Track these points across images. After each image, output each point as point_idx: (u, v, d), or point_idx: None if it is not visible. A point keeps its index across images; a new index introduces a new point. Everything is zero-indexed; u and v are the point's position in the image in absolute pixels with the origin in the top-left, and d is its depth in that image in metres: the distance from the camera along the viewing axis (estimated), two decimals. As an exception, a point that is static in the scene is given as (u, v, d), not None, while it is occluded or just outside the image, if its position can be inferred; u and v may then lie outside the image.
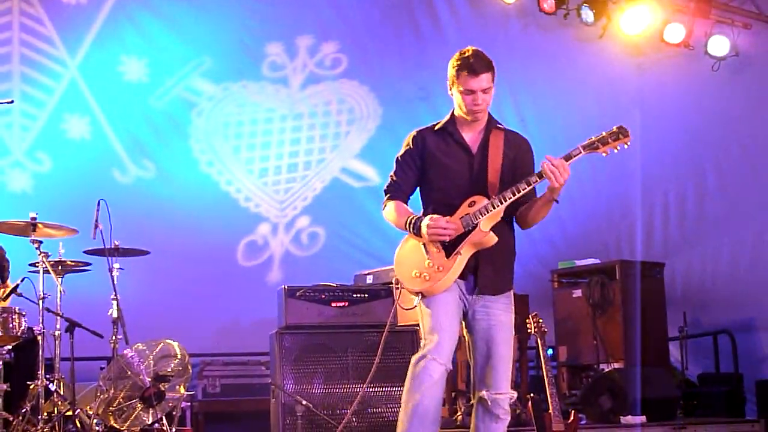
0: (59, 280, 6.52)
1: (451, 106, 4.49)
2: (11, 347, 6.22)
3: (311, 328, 6.59)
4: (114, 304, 6.62)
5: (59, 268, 6.54)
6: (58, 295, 6.51)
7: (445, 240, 4.26)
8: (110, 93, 9.50)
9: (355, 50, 10.08)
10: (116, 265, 6.74)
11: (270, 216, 10.03)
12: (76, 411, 6.27)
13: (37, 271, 6.40)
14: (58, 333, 6.60)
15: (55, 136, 9.32)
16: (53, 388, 6.35)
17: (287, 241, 10.06)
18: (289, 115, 10.11)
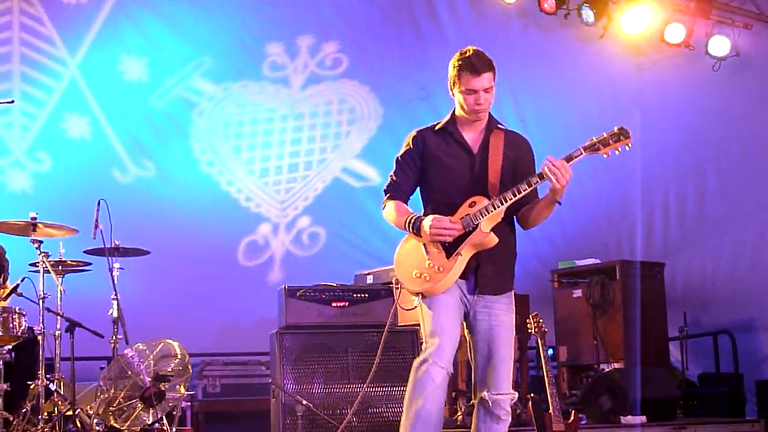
0: (59, 279, 6.53)
1: (451, 106, 4.49)
2: (11, 347, 6.23)
3: (311, 328, 6.58)
4: (114, 303, 6.62)
5: (59, 267, 6.54)
6: (59, 294, 6.53)
7: (447, 240, 4.26)
8: (110, 93, 9.50)
9: (356, 50, 10.09)
10: (116, 265, 6.74)
11: (271, 216, 10.03)
12: (77, 411, 6.27)
13: (38, 271, 6.40)
14: (58, 333, 6.61)
15: (55, 135, 9.32)
16: (53, 388, 6.36)
17: (288, 241, 10.06)
18: (290, 115, 10.11)
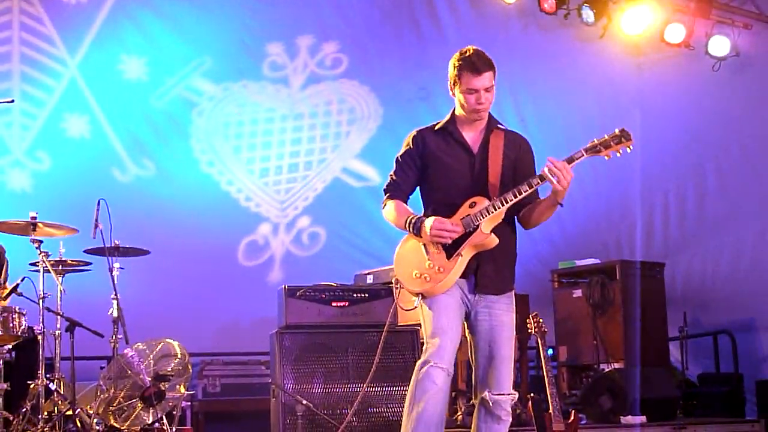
0: (59, 279, 6.53)
1: (451, 106, 4.49)
2: (12, 346, 6.22)
3: (311, 327, 6.58)
4: (114, 303, 6.62)
5: (59, 267, 6.54)
6: (59, 294, 6.53)
7: (447, 242, 4.26)
8: (110, 92, 9.50)
9: (356, 50, 10.08)
10: (116, 265, 6.74)
11: (270, 216, 10.03)
12: (77, 410, 6.27)
13: (38, 271, 6.40)
14: (58, 332, 6.61)
15: (55, 135, 9.32)
16: (53, 388, 6.36)
17: (288, 241, 10.06)
18: (290, 115, 10.11)
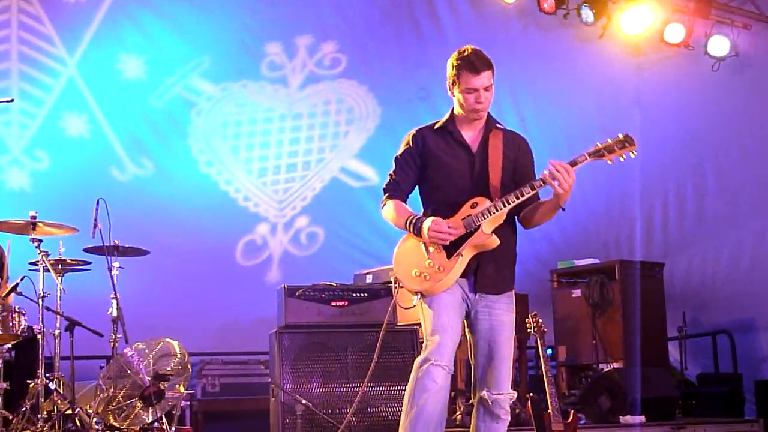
0: (59, 278, 6.52)
1: (450, 106, 4.49)
2: (11, 346, 6.22)
3: (311, 327, 6.57)
4: (114, 303, 6.61)
5: (59, 266, 6.53)
6: (58, 293, 6.51)
7: (445, 243, 4.25)
8: (109, 91, 9.50)
9: (355, 50, 10.08)
10: (116, 264, 6.74)
11: (269, 216, 10.03)
12: (76, 410, 6.27)
13: (37, 270, 6.40)
14: (58, 332, 6.60)
15: (54, 134, 9.32)
16: (53, 387, 6.35)
17: (286, 241, 10.06)
18: (288, 114, 10.11)
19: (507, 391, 4.35)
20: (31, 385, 6.21)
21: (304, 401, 6.27)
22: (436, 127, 4.47)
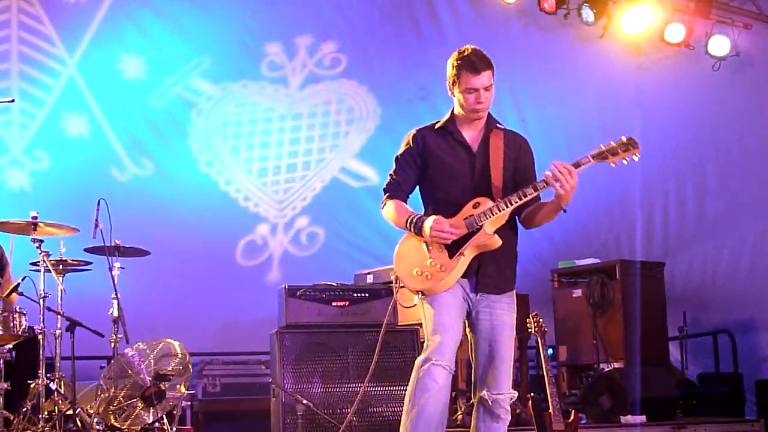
0: (60, 279, 6.52)
1: (450, 106, 4.48)
2: (12, 346, 6.22)
3: (311, 327, 6.57)
4: (114, 303, 6.62)
5: (60, 267, 6.53)
6: (59, 294, 6.51)
7: (447, 242, 4.25)
8: (109, 91, 9.50)
9: (355, 50, 10.08)
10: (117, 264, 6.74)
11: (269, 216, 10.03)
12: (77, 410, 6.27)
13: (38, 270, 6.40)
14: (58, 332, 6.59)
15: (54, 134, 9.32)
16: (54, 387, 6.34)
17: (286, 241, 10.06)
18: (289, 114, 10.11)
19: (507, 391, 4.34)
20: (32, 386, 6.21)
21: (305, 401, 6.27)
22: (436, 127, 4.47)
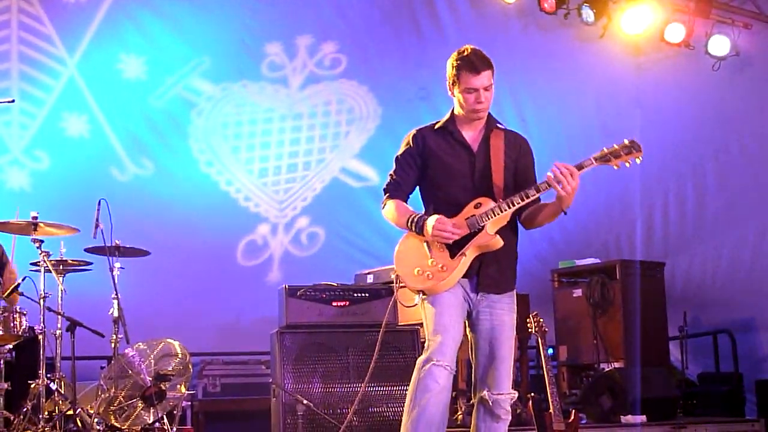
0: (60, 279, 6.52)
1: (451, 106, 4.48)
2: (12, 346, 6.22)
3: (312, 327, 6.57)
4: (115, 303, 6.62)
5: (60, 267, 6.53)
6: (59, 294, 6.51)
7: (448, 242, 4.25)
8: (109, 91, 9.50)
9: (355, 50, 10.08)
10: (117, 265, 6.74)
11: (269, 216, 10.04)
12: (77, 410, 6.27)
13: (39, 270, 6.39)
14: (59, 332, 6.59)
15: (54, 134, 9.32)
16: (54, 387, 6.34)
17: (287, 242, 10.06)
18: (289, 115, 10.11)
19: (508, 391, 4.34)
20: (33, 386, 6.21)
21: (305, 401, 6.27)
22: (436, 127, 4.47)
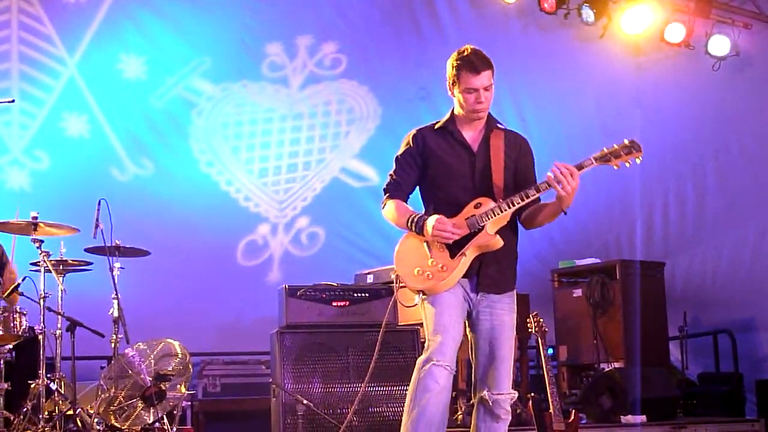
0: (60, 279, 6.52)
1: (451, 106, 4.48)
2: (12, 346, 6.22)
3: (312, 327, 6.57)
4: (115, 303, 6.62)
5: (60, 267, 6.53)
6: (59, 294, 6.51)
7: (448, 242, 4.25)
8: (109, 91, 9.49)
9: (355, 50, 10.08)
10: (117, 265, 6.74)
11: (270, 216, 10.03)
12: (77, 410, 6.27)
13: (39, 270, 6.40)
14: (59, 332, 6.59)
15: (54, 134, 9.31)
16: (54, 387, 6.34)
17: (287, 242, 10.06)
18: (289, 115, 10.11)
19: (507, 391, 4.34)
20: (32, 386, 6.21)
21: (305, 401, 6.27)
22: (436, 127, 4.47)
